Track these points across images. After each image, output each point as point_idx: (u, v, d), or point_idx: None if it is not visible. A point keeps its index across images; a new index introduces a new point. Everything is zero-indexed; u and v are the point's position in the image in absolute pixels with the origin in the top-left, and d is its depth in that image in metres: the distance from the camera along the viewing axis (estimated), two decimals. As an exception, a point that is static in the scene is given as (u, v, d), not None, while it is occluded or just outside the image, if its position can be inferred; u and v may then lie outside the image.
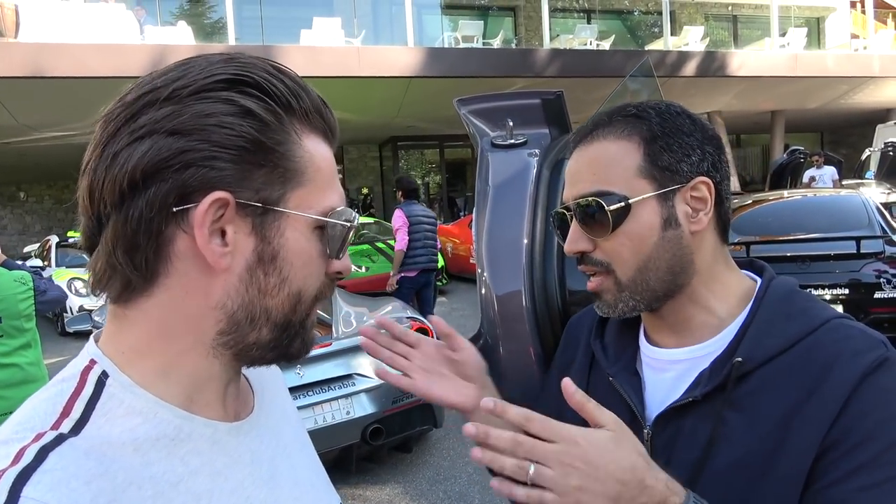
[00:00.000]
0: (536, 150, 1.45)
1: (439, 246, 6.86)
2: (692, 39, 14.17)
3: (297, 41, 11.65)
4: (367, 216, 13.60)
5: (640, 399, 0.87)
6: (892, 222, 6.03)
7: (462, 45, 13.03)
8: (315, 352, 3.58)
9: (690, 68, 12.67)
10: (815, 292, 5.30)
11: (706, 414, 0.80)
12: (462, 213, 16.33)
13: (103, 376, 0.56)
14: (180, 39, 10.88)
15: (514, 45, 15.71)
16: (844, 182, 10.69)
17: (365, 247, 9.40)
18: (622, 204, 0.82)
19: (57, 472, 0.48)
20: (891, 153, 10.53)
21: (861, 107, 16.02)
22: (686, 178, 0.83)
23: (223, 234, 0.55)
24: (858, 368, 0.73)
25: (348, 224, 0.61)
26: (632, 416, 0.86)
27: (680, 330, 0.87)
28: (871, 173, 11.12)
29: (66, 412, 0.53)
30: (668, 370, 0.87)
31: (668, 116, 0.85)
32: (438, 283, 8.45)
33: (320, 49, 11.05)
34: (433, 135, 16.66)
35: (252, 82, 0.56)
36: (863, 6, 17.34)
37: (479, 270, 1.31)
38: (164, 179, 0.53)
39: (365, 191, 18.15)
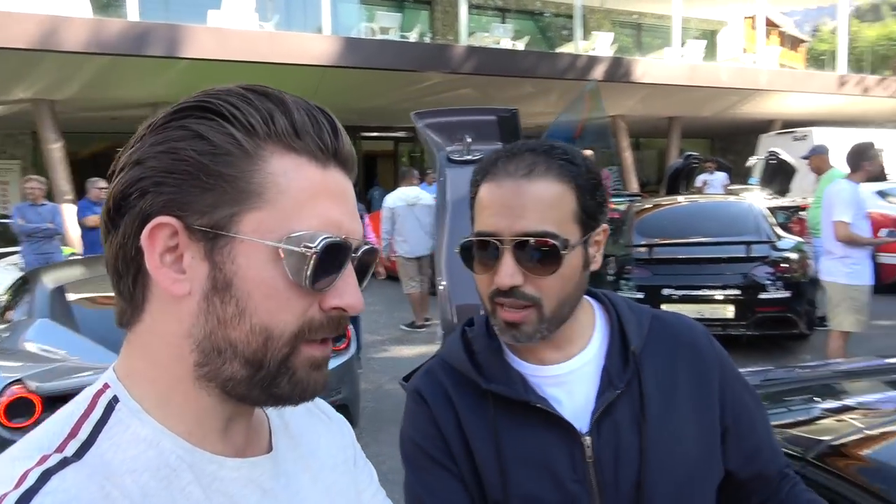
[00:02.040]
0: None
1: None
2: (601, 45, 14.77)
3: (205, 21, 11.14)
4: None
5: (558, 411, 0.94)
6: (776, 228, 6.59)
7: (379, 37, 12.92)
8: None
9: (599, 72, 13.18)
10: (708, 293, 5.71)
11: (627, 401, 0.94)
12: (373, 208, 16.26)
13: (114, 401, 0.57)
14: (75, 11, 10.13)
15: (429, 40, 15.75)
16: (731, 187, 11.52)
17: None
18: (567, 249, 0.89)
19: (58, 495, 0.48)
20: (772, 161, 11.40)
21: (748, 117, 17.27)
22: (597, 225, 0.95)
23: (181, 259, 0.56)
24: (709, 339, 1.03)
25: (309, 250, 0.55)
26: (562, 429, 0.93)
27: (562, 346, 0.97)
28: (754, 179, 12.02)
29: (73, 433, 0.54)
30: (565, 382, 0.97)
31: (591, 167, 0.95)
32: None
33: (230, 32, 10.62)
34: (348, 126, 16.25)
35: (212, 107, 0.56)
36: (754, 22, 18.69)
37: (439, 279, 1.36)
38: (131, 207, 0.55)
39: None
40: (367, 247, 0.61)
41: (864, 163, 4.63)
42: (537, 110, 15.20)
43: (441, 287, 1.36)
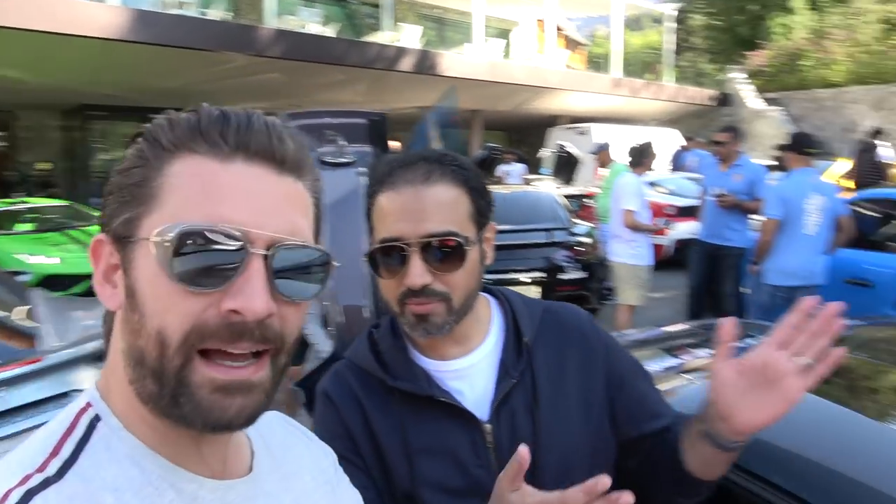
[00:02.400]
0: (364, 169, 1.57)
1: None
2: (407, 37, 15.08)
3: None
4: (46, 197, 11.74)
5: (461, 403, 1.03)
6: (569, 215, 7.34)
7: (173, 12, 11.92)
8: (20, 370, 3.06)
9: (406, 64, 13.47)
10: (516, 276, 6.21)
11: (522, 389, 1.04)
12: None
13: (95, 419, 0.57)
14: None
15: (232, 19, 14.89)
16: (528, 177, 12.52)
17: (54, 235, 8.16)
18: (471, 245, 0.98)
19: None
20: (561, 154, 12.55)
21: (538, 112, 18.82)
22: (488, 223, 1.05)
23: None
24: (592, 326, 1.14)
25: (167, 241, 0.52)
26: (465, 419, 1.02)
27: (462, 341, 1.06)
28: (546, 170, 13.18)
29: (55, 452, 0.54)
30: (466, 376, 1.05)
31: (476, 170, 1.05)
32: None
33: (-8, -7, 9.13)
34: (134, 107, 14.97)
35: (142, 132, 0.59)
36: (543, 25, 20.33)
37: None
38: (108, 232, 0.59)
39: (46, 166, 15.52)
40: (288, 243, 0.56)
41: (644, 159, 5.37)
42: (347, 99, 15.15)
43: (328, 290, 1.40)
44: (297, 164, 0.59)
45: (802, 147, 4.60)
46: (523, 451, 0.80)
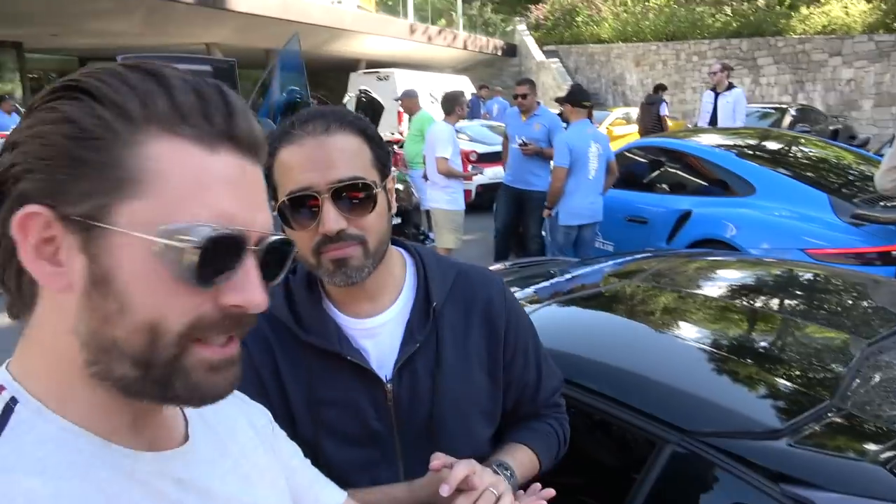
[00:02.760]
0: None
1: None
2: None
3: None
4: None
5: (370, 364, 1.06)
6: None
7: None
8: None
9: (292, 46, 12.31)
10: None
11: (425, 351, 1.08)
12: None
13: (12, 402, 0.54)
14: None
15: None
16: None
17: None
18: (376, 189, 1.00)
19: None
20: (363, 99, 12.48)
21: (337, 55, 18.40)
22: (389, 173, 1.06)
23: (57, 251, 0.52)
24: (502, 294, 1.18)
25: (190, 244, 0.51)
26: (369, 378, 1.05)
27: (376, 296, 1.08)
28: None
29: None
30: (376, 334, 1.08)
31: (372, 125, 1.06)
32: None
33: None
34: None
35: (83, 87, 0.52)
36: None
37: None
38: (6, 194, 0.53)
39: None
40: (274, 238, 0.57)
41: (456, 107, 5.55)
42: (120, 30, 13.46)
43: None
44: (263, 148, 0.59)
45: (579, 100, 5.17)
46: (436, 464, 0.95)
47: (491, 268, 3.74)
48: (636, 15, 20.23)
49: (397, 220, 6.40)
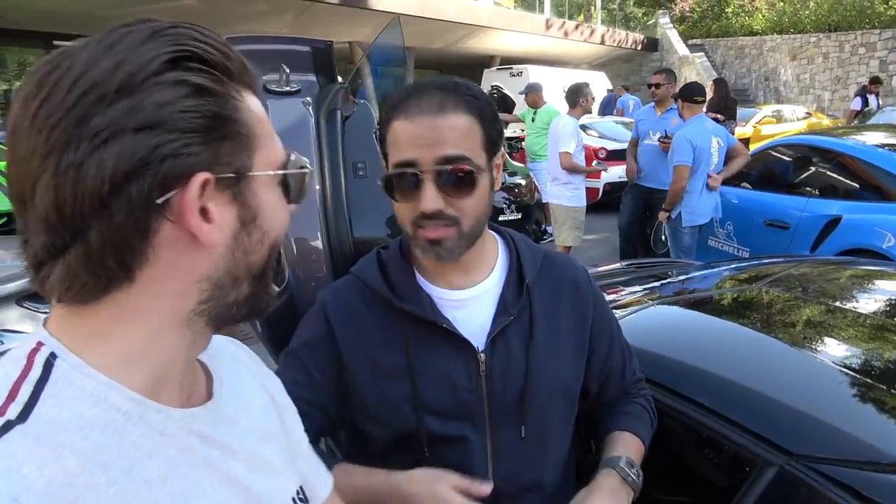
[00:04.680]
0: (309, 99, 1.47)
1: None
2: (334, -35, 14.35)
3: None
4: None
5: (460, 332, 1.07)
6: (507, 158, 7.36)
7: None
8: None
9: (392, 34, 12.87)
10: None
11: (519, 325, 1.09)
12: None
13: (52, 357, 0.55)
14: None
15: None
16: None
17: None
18: (482, 172, 1.01)
19: (7, 458, 0.48)
20: (495, 95, 12.47)
21: (472, 51, 18.56)
22: (498, 151, 1.07)
23: (204, 212, 0.56)
24: (587, 279, 1.21)
25: (306, 171, 0.65)
26: (462, 346, 1.06)
27: (469, 270, 1.10)
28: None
29: (11, 396, 0.52)
30: (467, 306, 1.10)
31: (489, 99, 1.06)
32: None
33: None
34: (36, 31, 13.76)
35: (192, 55, 0.55)
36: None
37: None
38: (143, 176, 0.52)
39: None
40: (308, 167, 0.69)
41: (580, 99, 5.37)
42: (271, 31, 14.41)
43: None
44: None
45: (694, 96, 4.88)
46: (486, 489, 0.98)
47: (606, 266, 3.58)
48: (794, 4, 18.62)
49: (517, 216, 6.32)
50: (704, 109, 5.29)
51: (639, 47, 21.07)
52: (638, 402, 1.26)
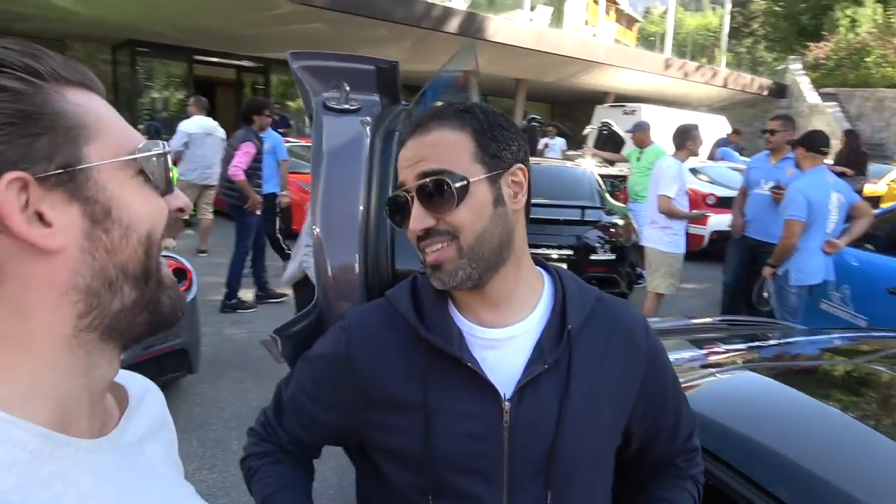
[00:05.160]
0: (369, 119, 1.43)
1: None
2: (456, -3, 14.74)
3: None
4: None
5: (486, 374, 0.96)
6: (606, 195, 7.12)
7: (225, -47, 11.80)
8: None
9: (453, 25, 13.18)
10: (545, 252, 6.06)
11: (554, 376, 0.98)
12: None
13: None
14: None
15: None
16: (569, 153, 12.23)
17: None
18: (465, 182, 0.94)
19: None
20: (604, 132, 12.22)
21: (586, 87, 18.35)
22: (508, 165, 0.98)
23: (40, 216, 0.52)
24: (644, 328, 1.08)
25: (162, 152, 0.61)
26: (486, 391, 0.96)
27: (501, 305, 1.01)
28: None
29: None
30: (499, 347, 0.99)
31: (489, 113, 1.00)
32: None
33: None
34: (182, 46, 15.01)
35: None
36: (597, -3, 19.69)
37: (315, 234, 1.27)
38: None
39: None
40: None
41: (688, 142, 5.10)
42: (390, 56, 14.91)
43: (318, 237, 1.29)
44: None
45: (818, 146, 4.43)
46: None
47: (699, 320, 3.32)
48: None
49: (611, 256, 6.07)
50: (830, 162, 4.87)
51: (765, 93, 20.04)
52: (685, 488, 1.13)
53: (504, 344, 1.00)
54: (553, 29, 17.20)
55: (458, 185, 0.93)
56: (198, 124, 7.48)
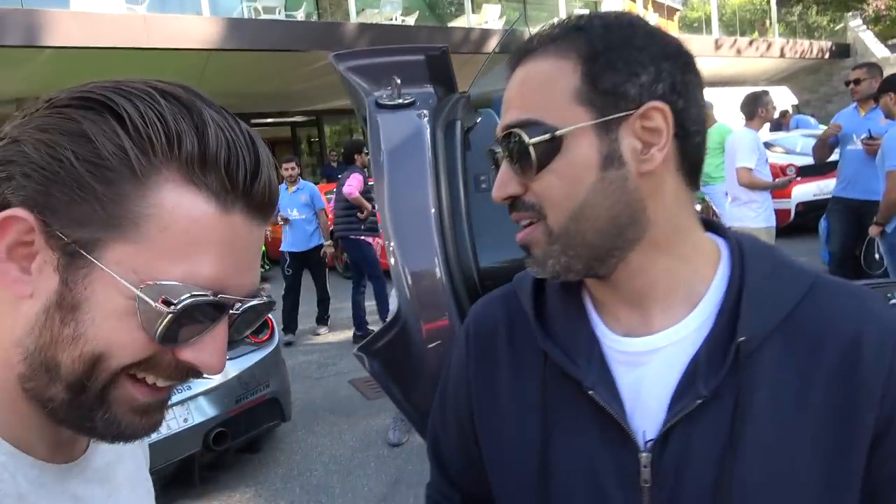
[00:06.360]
0: (426, 111, 1.34)
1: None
2: (490, 18, 14.77)
3: (68, 6, 10.16)
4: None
5: (623, 413, 0.68)
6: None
7: (264, 17, 12.33)
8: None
9: (491, 46, 13.20)
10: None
11: (716, 414, 0.65)
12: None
13: None
14: None
15: (316, 19, 15.23)
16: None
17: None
18: (548, 136, 0.65)
19: None
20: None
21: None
22: (634, 104, 0.65)
23: (28, 259, 0.49)
24: (883, 337, 0.64)
25: (166, 308, 0.49)
26: (616, 433, 0.68)
27: (641, 304, 0.70)
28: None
29: None
30: (643, 363, 0.69)
31: (615, 28, 0.67)
32: (264, 269, 8.06)
33: (98, 16, 9.74)
34: (238, 112, 15.58)
35: (112, 106, 0.49)
36: (632, -8, 19.35)
37: (387, 243, 1.18)
38: None
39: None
40: (253, 303, 0.54)
41: (759, 109, 4.78)
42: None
43: (392, 249, 1.18)
44: (275, 207, 0.55)
45: None
46: None
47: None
48: None
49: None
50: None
51: (826, 55, 19.06)
52: None
53: (646, 360, 0.69)
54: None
55: (535, 140, 0.65)
56: None
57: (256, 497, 3.53)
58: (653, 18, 20.04)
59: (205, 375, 0.55)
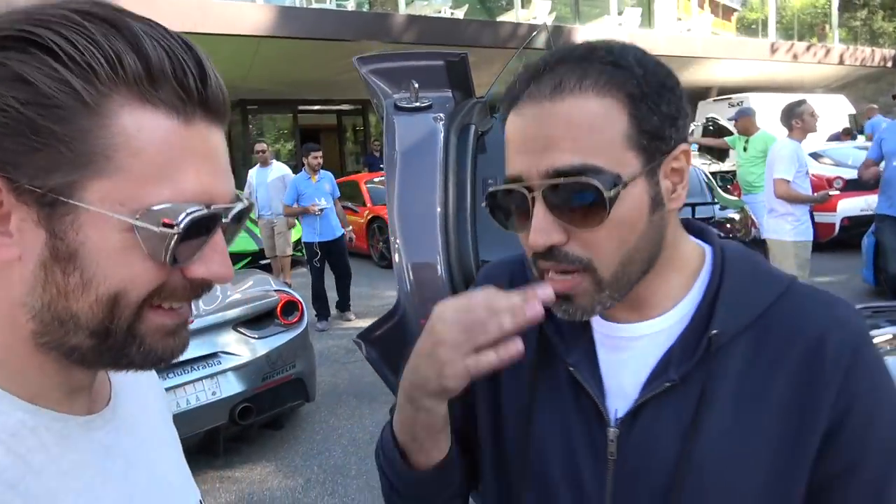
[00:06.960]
0: (442, 115, 1.41)
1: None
2: (540, 13, 14.69)
3: (129, -10, 10.51)
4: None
5: (600, 391, 0.74)
6: (718, 190, 6.72)
7: (315, 6, 12.51)
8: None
9: (540, 41, 13.12)
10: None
11: (683, 398, 0.70)
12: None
13: None
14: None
15: (367, 9, 15.38)
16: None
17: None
18: (618, 186, 0.64)
19: None
20: (710, 128, 11.62)
21: (686, 84, 17.16)
22: (669, 147, 0.67)
23: (5, 220, 0.48)
24: (848, 345, 0.68)
25: (170, 230, 0.48)
26: (595, 411, 0.74)
27: (639, 305, 0.75)
28: (695, 146, 12.27)
29: None
30: (625, 349, 0.75)
31: (650, 67, 0.67)
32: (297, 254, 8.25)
33: (157, 1, 10.05)
34: (286, 99, 15.94)
35: (39, 41, 0.45)
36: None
37: (393, 239, 1.26)
38: None
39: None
40: (238, 208, 0.54)
41: (793, 120, 4.70)
42: (481, 81, 15.07)
43: (398, 246, 1.26)
44: (228, 110, 0.55)
45: None
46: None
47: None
48: None
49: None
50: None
51: (889, 64, 18.36)
52: None
53: (631, 345, 0.74)
54: (643, 29, 16.68)
55: (610, 191, 0.63)
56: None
57: (276, 472, 3.67)
58: (708, 19, 19.60)
59: (216, 286, 0.56)
